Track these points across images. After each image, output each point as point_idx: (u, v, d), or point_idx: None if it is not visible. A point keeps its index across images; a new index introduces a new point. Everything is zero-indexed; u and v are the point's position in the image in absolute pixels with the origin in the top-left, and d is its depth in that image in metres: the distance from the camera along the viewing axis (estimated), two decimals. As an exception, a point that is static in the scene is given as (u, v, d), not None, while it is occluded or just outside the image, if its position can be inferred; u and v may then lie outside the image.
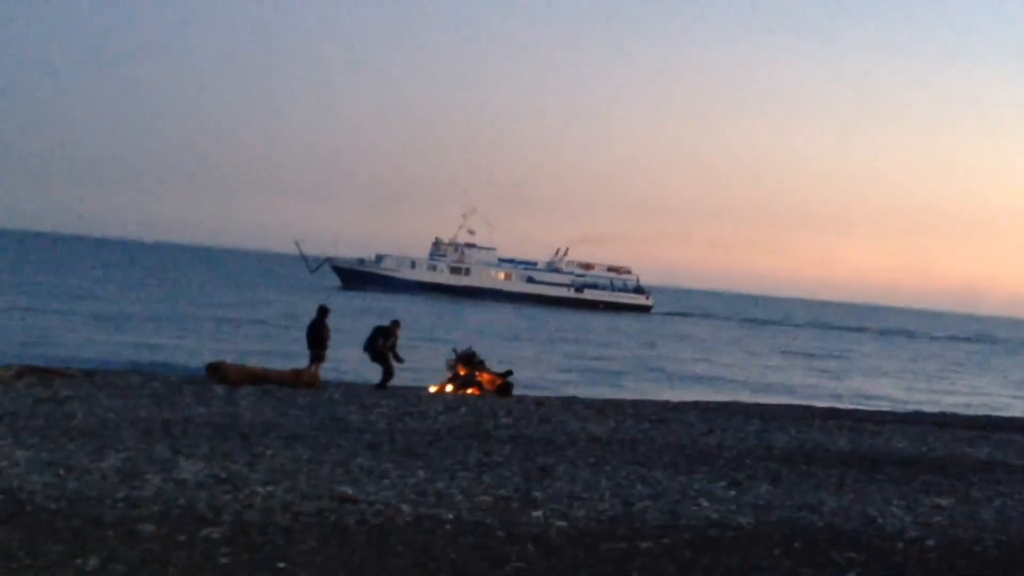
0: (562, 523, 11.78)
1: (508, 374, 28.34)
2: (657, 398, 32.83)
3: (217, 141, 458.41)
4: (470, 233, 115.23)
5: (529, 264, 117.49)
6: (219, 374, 24.63)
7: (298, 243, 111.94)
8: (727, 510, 13.12)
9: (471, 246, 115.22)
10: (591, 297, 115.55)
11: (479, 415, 21.61)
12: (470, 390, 27.02)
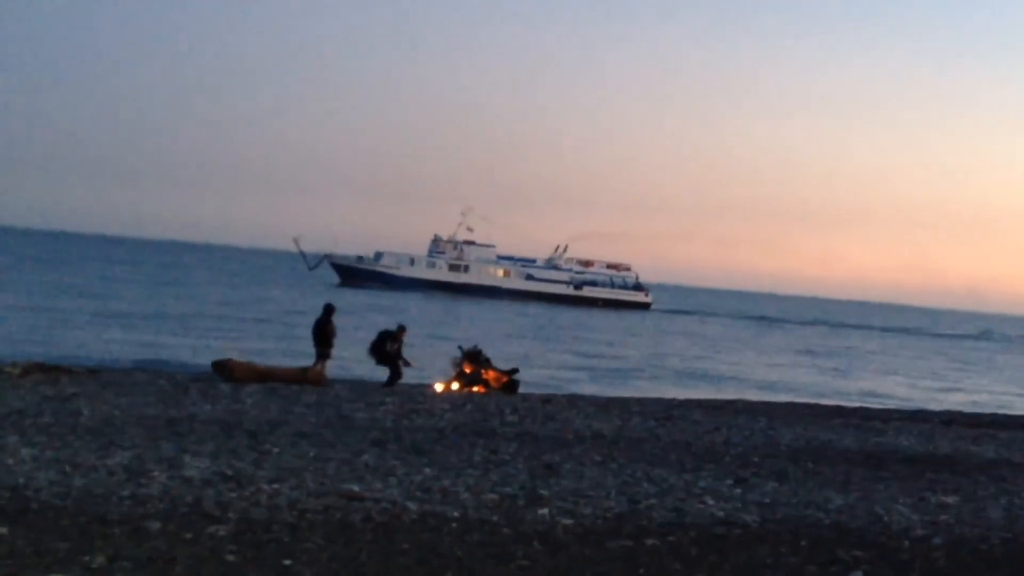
0: (568, 521, 11.78)
1: (514, 372, 28.36)
2: (663, 396, 32.82)
3: (216, 139, 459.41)
4: (469, 230, 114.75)
5: (528, 261, 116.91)
6: (225, 372, 24.67)
7: (297, 240, 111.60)
8: (733, 508, 13.11)
9: (470, 243, 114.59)
10: (590, 294, 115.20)
11: (485, 413, 21.61)
12: (476, 388, 27.04)
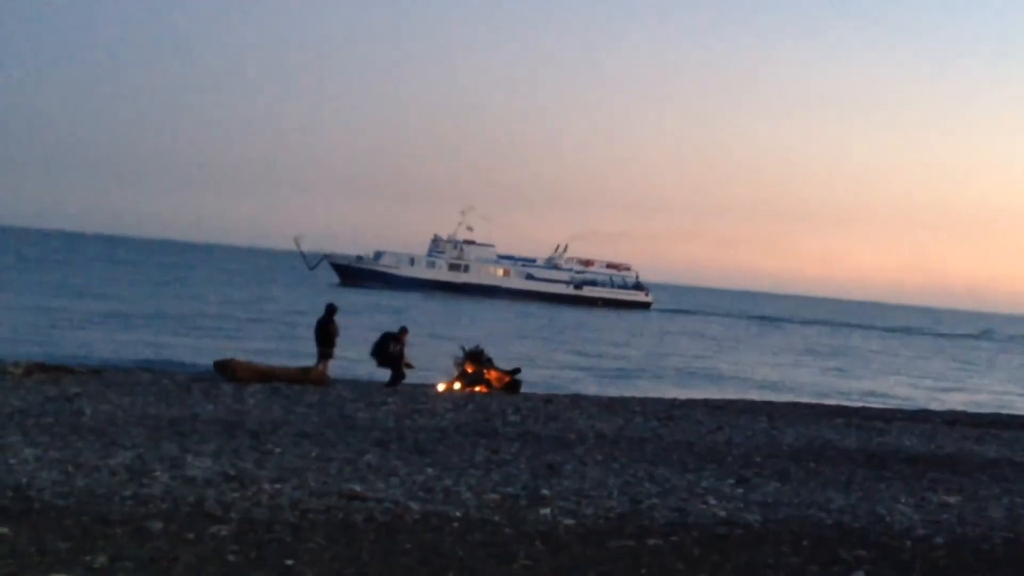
0: (570, 521, 11.78)
1: (516, 371, 28.36)
2: (664, 396, 32.81)
3: (216, 138, 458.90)
4: (469, 230, 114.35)
5: (528, 261, 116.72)
6: (228, 372, 24.68)
7: (297, 240, 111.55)
8: (735, 508, 13.12)
9: (470, 243, 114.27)
10: (590, 294, 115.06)
11: (487, 412, 21.61)
12: (478, 388, 27.04)
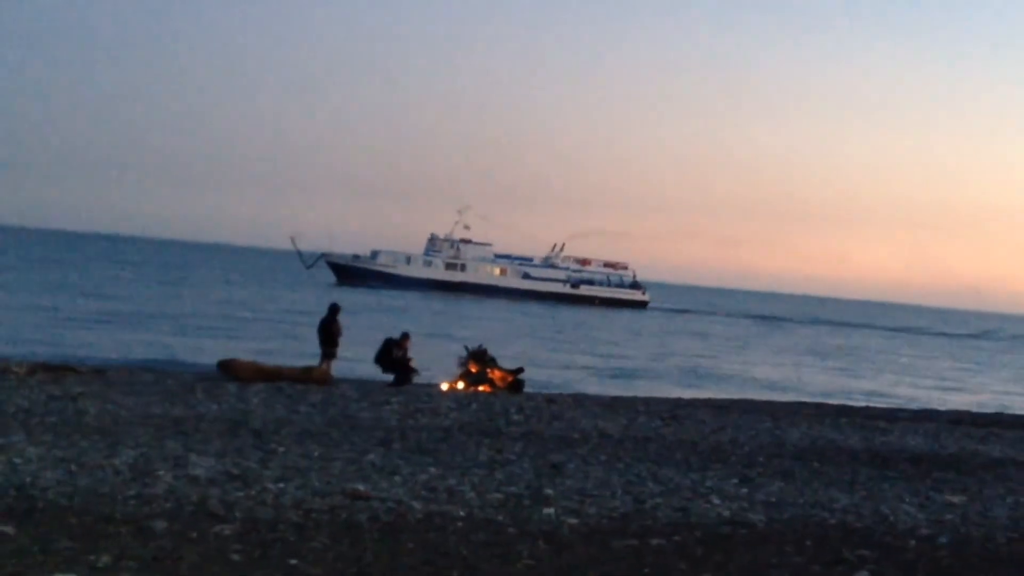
0: (573, 520, 11.78)
1: (519, 371, 28.36)
2: (668, 395, 32.80)
3: (213, 137, 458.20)
4: (466, 229, 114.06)
5: (525, 260, 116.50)
6: (231, 371, 24.70)
7: (294, 239, 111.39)
8: (739, 507, 13.11)
9: (467, 242, 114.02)
10: (587, 293, 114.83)
11: (490, 412, 21.60)
12: (481, 387, 27.04)
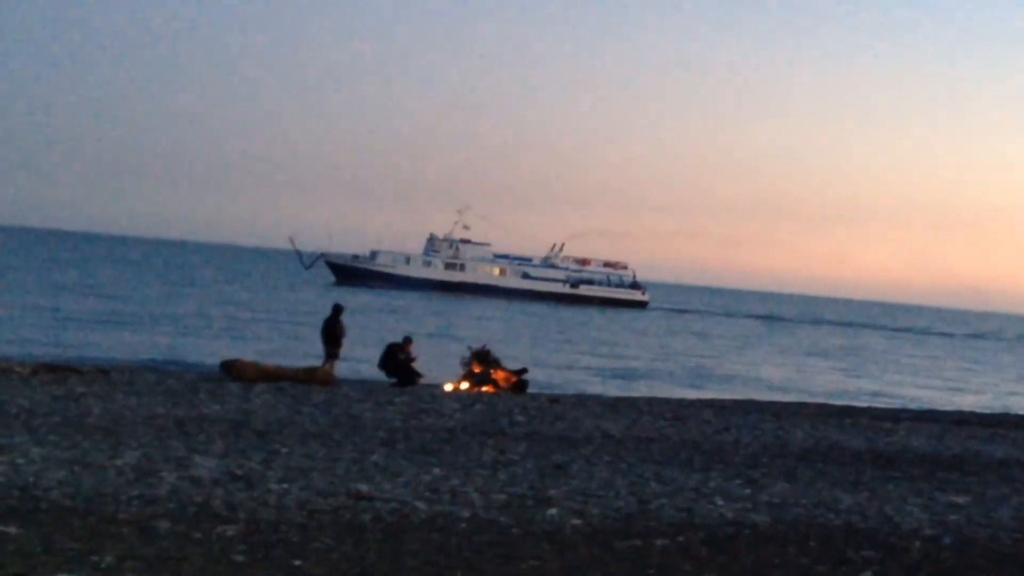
0: (577, 521, 11.76)
1: (523, 371, 28.37)
2: (671, 396, 32.79)
3: (213, 137, 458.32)
4: (465, 229, 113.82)
5: (524, 260, 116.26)
6: (234, 372, 24.71)
7: (292, 239, 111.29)
8: (743, 508, 13.08)
9: (466, 242, 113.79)
10: (586, 293, 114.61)
11: (494, 412, 21.60)
12: (485, 388, 27.05)
